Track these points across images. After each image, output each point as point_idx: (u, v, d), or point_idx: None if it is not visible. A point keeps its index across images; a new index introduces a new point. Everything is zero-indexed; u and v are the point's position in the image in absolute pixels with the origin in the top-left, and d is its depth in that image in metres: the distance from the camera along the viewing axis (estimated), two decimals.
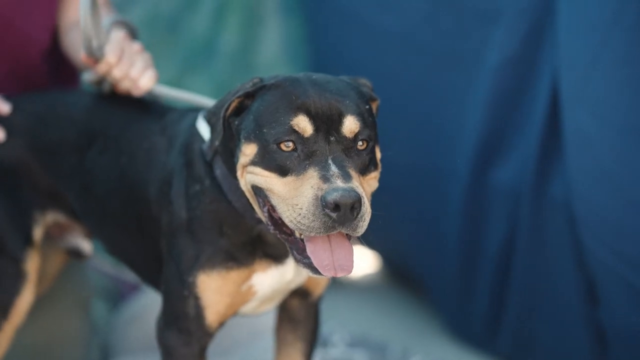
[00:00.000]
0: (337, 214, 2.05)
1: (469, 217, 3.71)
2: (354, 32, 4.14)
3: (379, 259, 4.93)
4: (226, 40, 4.51)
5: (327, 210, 2.05)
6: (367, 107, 2.27)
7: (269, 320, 3.30)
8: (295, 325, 2.77)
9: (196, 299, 2.41)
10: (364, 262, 4.97)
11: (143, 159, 2.60)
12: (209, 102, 2.72)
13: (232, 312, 2.50)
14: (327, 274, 2.15)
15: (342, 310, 4.47)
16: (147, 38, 4.22)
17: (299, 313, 2.76)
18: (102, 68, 2.76)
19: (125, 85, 2.78)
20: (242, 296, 2.46)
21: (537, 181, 3.33)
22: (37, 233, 2.79)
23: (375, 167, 2.28)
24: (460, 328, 4.07)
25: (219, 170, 2.38)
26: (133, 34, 2.92)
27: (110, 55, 2.74)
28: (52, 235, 3.01)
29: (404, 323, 4.36)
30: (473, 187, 3.63)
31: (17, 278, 2.73)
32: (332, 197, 2.03)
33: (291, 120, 2.15)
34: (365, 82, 2.44)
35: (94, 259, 3.76)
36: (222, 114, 2.26)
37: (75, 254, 3.03)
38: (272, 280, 2.46)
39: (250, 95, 2.27)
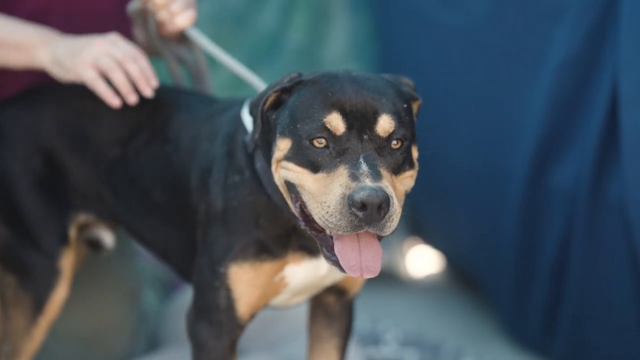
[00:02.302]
0: (364, 213, 2.03)
1: (526, 218, 3.65)
2: (418, 29, 4.14)
3: (443, 259, 4.88)
4: (293, 36, 4.54)
5: (354, 209, 2.03)
6: (405, 106, 2.23)
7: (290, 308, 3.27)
8: (330, 321, 2.75)
9: (228, 290, 2.41)
10: (427, 261, 4.93)
11: (187, 147, 2.61)
12: (237, 65, 2.73)
13: (263, 304, 2.50)
14: (353, 274, 2.14)
15: (400, 309, 4.46)
16: (214, 32, 4.33)
17: (334, 308, 2.74)
18: None
19: (162, 17, 2.79)
20: (274, 288, 2.46)
21: (594, 184, 3.26)
22: (73, 232, 2.82)
23: (411, 166, 2.24)
24: (515, 330, 4.01)
25: (259, 163, 2.38)
26: None
27: None
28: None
29: (460, 324, 4.32)
30: (531, 189, 3.57)
31: (52, 274, 2.76)
32: (359, 196, 2.02)
33: (324, 117, 2.14)
34: (407, 82, 2.40)
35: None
36: (260, 107, 2.27)
37: (96, 246, 3.03)
38: (305, 273, 2.46)
39: (287, 90, 2.27)
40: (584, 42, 3.27)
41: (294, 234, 2.41)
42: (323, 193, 2.11)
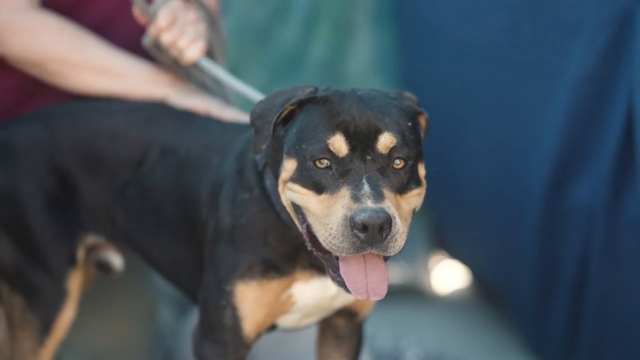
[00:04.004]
0: (365, 234, 2.02)
1: (544, 235, 3.60)
2: (438, 44, 4.13)
3: (469, 275, 4.83)
4: (316, 51, 4.55)
5: (355, 231, 2.03)
6: (410, 124, 2.21)
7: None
8: (340, 343, 2.73)
9: (234, 309, 2.39)
10: (454, 277, 4.89)
11: (198, 158, 2.62)
12: (253, 93, 2.70)
13: (270, 323, 2.48)
14: (360, 296, 2.12)
15: (423, 326, 4.43)
16: (236, 49, 4.36)
17: (344, 330, 2.72)
18: (152, 31, 2.79)
19: (173, 54, 2.80)
20: (281, 306, 2.45)
21: (611, 201, 3.20)
22: (81, 253, 2.83)
23: (418, 185, 2.22)
24: (537, 347, 3.96)
25: (269, 180, 2.37)
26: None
27: (161, 19, 2.77)
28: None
29: (483, 341, 4.28)
30: (549, 205, 3.53)
31: (59, 296, 2.77)
32: (360, 217, 2.01)
33: (328, 139, 2.14)
34: (410, 96, 2.37)
35: None
36: (273, 120, 2.24)
37: (105, 269, 3.03)
38: (313, 291, 2.44)
39: (301, 104, 2.25)
40: (600, 58, 3.22)
41: (302, 252, 2.39)
42: (326, 215, 2.10)
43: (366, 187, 2.07)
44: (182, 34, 2.79)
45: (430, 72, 4.24)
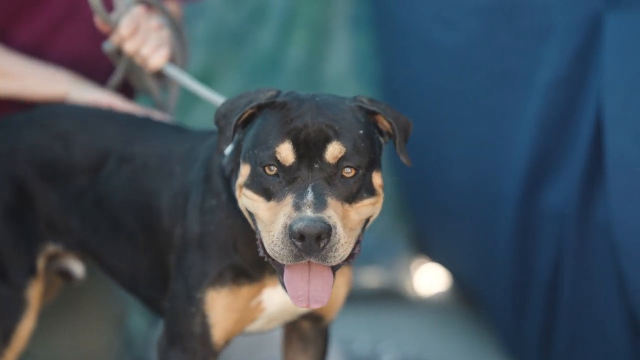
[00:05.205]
0: (302, 243, 2.03)
1: (519, 239, 3.61)
2: (415, 48, 4.13)
3: (450, 279, 4.84)
4: (293, 55, 4.54)
5: (293, 240, 2.04)
6: (362, 131, 2.19)
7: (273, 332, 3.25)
8: (305, 346, 2.72)
9: (203, 316, 2.38)
10: (435, 280, 4.89)
11: (156, 167, 2.61)
12: (216, 97, 2.70)
13: (239, 330, 2.48)
14: (300, 304, 2.13)
15: (403, 329, 4.44)
16: (212, 52, 4.35)
17: (310, 333, 2.71)
18: (115, 39, 2.78)
19: (136, 62, 2.80)
20: (251, 312, 2.44)
21: (582, 206, 3.21)
22: (41, 263, 2.80)
23: (371, 194, 2.20)
24: (514, 351, 3.97)
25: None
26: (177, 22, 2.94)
27: (124, 27, 2.77)
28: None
29: (461, 344, 4.29)
30: (523, 209, 3.54)
31: (19, 306, 2.74)
32: (297, 226, 2.02)
33: (276, 147, 2.14)
34: (361, 99, 2.30)
35: None
36: (233, 121, 2.23)
37: (66, 277, 3.02)
38: (281, 296, 2.43)
39: (261, 108, 2.24)
40: (571, 63, 3.23)
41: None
42: (272, 222, 2.11)
43: (309, 196, 2.07)
44: (145, 41, 2.79)
45: (408, 76, 4.24)
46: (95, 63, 3.09)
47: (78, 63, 3.06)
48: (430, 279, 4.88)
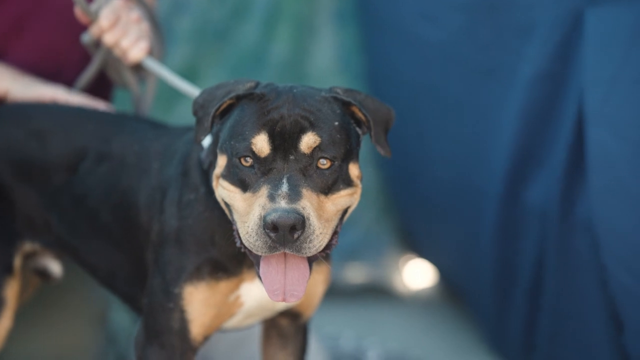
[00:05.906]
0: (276, 234, 2.04)
1: (502, 236, 3.62)
2: (399, 43, 4.14)
3: (437, 275, 4.84)
4: (277, 50, 4.53)
5: (267, 230, 2.04)
6: (337, 123, 2.20)
7: (253, 328, 3.25)
8: (285, 342, 2.73)
9: (182, 311, 2.38)
10: (423, 275, 4.90)
11: (133, 163, 2.60)
12: (195, 91, 2.69)
13: (217, 325, 2.47)
14: (275, 299, 2.13)
15: (388, 325, 4.45)
16: (196, 47, 4.33)
17: (289, 330, 2.72)
18: (94, 30, 2.76)
19: (116, 54, 2.78)
20: (229, 307, 2.44)
21: (563, 201, 3.22)
22: (17, 261, 2.78)
23: (349, 185, 2.20)
24: (497, 345, 3.99)
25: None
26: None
27: (104, 19, 2.75)
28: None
29: (446, 340, 4.30)
30: (505, 205, 3.55)
31: None
32: (271, 217, 2.03)
33: (252, 138, 2.14)
34: (336, 90, 2.30)
35: None
36: (211, 112, 2.23)
37: (44, 276, 3.00)
38: (259, 291, 2.43)
39: (239, 99, 2.24)
40: (552, 59, 3.25)
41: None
42: (247, 213, 2.12)
43: (284, 187, 2.08)
44: (125, 33, 2.78)
45: (393, 71, 4.24)
46: (67, 55, 3.06)
47: (48, 54, 3.03)
48: (416, 275, 4.88)
